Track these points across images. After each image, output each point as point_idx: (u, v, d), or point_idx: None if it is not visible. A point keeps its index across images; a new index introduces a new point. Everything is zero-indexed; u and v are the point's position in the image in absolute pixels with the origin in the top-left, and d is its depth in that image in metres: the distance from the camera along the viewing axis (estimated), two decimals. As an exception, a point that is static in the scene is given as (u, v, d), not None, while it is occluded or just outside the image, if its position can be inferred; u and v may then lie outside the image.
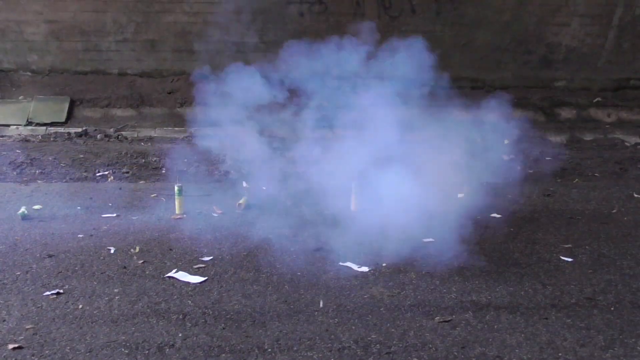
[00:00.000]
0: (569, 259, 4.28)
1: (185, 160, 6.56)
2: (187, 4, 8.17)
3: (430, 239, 4.52)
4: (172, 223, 4.89)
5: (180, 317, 3.48)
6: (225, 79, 5.62)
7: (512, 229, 4.79)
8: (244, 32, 8.27)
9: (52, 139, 7.27)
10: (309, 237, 4.64)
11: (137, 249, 4.36)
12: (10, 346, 3.17)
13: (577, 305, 3.67)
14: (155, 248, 4.40)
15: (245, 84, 5.61)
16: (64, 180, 5.91)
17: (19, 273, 3.98)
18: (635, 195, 5.56)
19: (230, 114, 5.69)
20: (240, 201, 5.25)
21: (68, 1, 8.09)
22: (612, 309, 3.63)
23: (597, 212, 5.18)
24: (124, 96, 7.99)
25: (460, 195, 5.26)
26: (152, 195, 5.51)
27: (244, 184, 5.76)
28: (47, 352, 3.14)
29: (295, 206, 5.32)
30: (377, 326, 3.41)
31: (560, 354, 3.17)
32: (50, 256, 4.22)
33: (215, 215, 5.09)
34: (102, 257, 4.24)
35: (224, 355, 3.14)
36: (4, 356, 3.10)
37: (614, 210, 5.19)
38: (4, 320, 3.42)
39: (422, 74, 5.79)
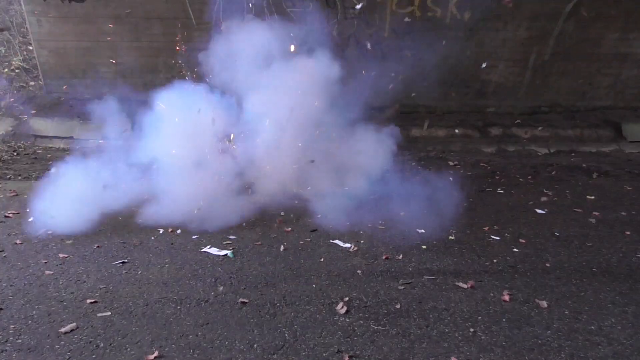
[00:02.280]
0: (497, 238, 4.29)
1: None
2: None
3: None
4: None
5: (213, 280, 3.48)
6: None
7: (455, 216, 4.79)
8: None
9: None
10: (309, 219, 4.63)
11: (179, 231, 4.34)
12: (89, 300, 3.17)
13: (503, 271, 3.68)
14: (195, 229, 4.38)
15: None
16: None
17: (95, 247, 3.97)
18: (545, 191, 5.57)
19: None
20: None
21: (132, 48, 8.07)
22: (529, 274, 3.64)
23: (518, 203, 5.18)
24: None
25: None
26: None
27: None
28: (115, 305, 3.14)
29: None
30: (357, 287, 3.41)
31: (490, 307, 3.19)
32: (117, 235, 4.20)
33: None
34: (154, 237, 4.22)
35: (245, 308, 3.13)
36: (84, 308, 3.09)
37: (530, 202, 5.19)
38: (84, 282, 3.41)
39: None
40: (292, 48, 5.33)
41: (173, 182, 4.76)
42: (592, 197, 5.38)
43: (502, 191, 5.59)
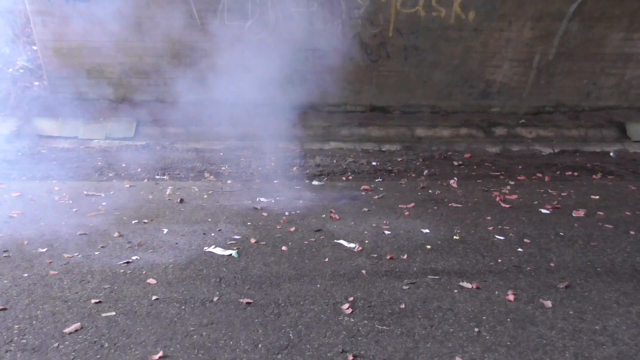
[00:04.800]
0: (502, 238, 4.28)
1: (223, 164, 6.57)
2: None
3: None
4: (211, 210, 4.87)
5: (217, 280, 3.48)
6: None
7: (459, 216, 4.79)
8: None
9: (123, 150, 7.26)
10: (313, 220, 4.63)
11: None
12: (93, 301, 3.18)
13: (507, 271, 3.68)
14: (199, 229, 4.39)
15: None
16: (133, 180, 5.90)
17: (100, 246, 3.98)
18: (550, 191, 5.56)
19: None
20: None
21: (136, 48, 8.08)
22: (533, 274, 3.63)
23: (522, 203, 5.17)
24: (177, 119, 7.98)
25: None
26: (195, 189, 5.50)
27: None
28: (120, 305, 3.15)
29: (304, 193, 5.33)
30: (361, 287, 3.41)
31: (494, 307, 3.18)
32: (120, 235, 4.22)
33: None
34: (159, 236, 4.23)
35: (249, 308, 3.14)
36: (89, 308, 3.10)
37: (535, 202, 5.19)
38: (89, 282, 3.42)
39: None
40: None
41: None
42: (597, 197, 5.36)
43: (506, 191, 5.58)
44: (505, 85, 8.56)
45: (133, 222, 4.54)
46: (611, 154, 7.50)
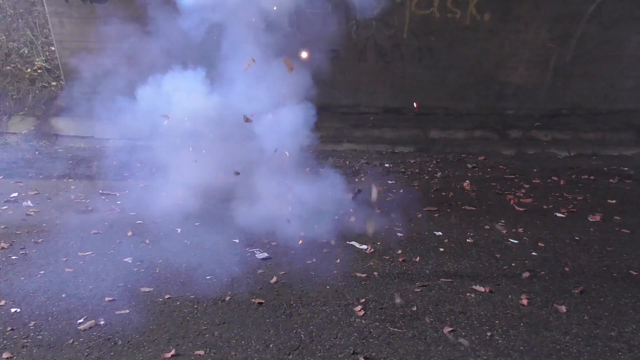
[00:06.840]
0: (516, 241, 4.25)
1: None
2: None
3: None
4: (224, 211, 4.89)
5: (230, 280, 3.50)
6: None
7: (473, 218, 4.76)
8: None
9: (138, 149, 7.31)
10: (325, 224, 4.64)
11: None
12: (107, 298, 3.21)
13: (522, 275, 3.65)
14: (212, 229, 4.41)
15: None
16: (147, 179, 5.94)
17: (113, 245, 4.03)
18: (565, 195, 5.51)
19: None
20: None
21: (151, 49, 8.13)
22: (547, 278, 3.60)
23: (537, 207, 5.13)
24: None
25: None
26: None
27: None
28: (133, 302, 3.18)
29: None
30: (373, 289, 3.41)
31: (508, 311, 3.16)
32: (134, 234, 4.26)
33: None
34: (172, 235, 4.27)
35: (260, 308, 3.15)
36: (103, 305, 3.14)
37: (550, 206, 5.14)
38: (103, 280, 3.47)
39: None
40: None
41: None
42: (613, 201, 5.30)
43: (520, 194, 5.53)
44: (520, 87, 8.49)
45: (147, 221, 4.58)
46: None
